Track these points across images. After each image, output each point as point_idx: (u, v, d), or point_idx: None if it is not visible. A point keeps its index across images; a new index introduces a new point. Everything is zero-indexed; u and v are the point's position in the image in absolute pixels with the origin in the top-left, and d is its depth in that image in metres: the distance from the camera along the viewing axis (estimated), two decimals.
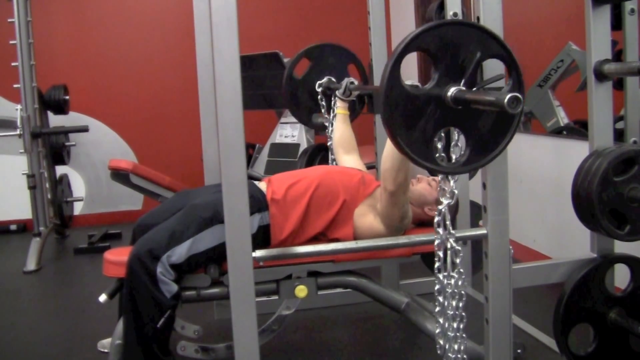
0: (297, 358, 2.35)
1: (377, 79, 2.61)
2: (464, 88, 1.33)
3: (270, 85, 3.98)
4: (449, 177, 1.49)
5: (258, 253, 1.60)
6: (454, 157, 1.43)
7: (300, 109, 2.61)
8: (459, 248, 1.52)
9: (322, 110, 2.55)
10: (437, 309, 1.56)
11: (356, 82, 2.44)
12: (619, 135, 2.07)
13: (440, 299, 1.55)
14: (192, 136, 3.50)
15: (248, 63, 3.97)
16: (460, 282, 1.53)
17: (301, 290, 1.95)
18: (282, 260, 1.85)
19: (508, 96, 1.19)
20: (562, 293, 1.90)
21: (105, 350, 2.35)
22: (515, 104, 1.19)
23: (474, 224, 2.61)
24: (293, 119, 4.25)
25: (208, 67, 2.37)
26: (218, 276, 1.93)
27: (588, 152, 1.91)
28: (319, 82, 2.54)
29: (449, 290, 1.53)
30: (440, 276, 1.53)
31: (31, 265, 3.66)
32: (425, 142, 1.35)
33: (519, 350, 2.13)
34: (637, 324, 1.86)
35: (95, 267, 3.43)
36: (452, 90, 1.33)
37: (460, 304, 1.54)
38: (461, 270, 1.53)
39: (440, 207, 1.51)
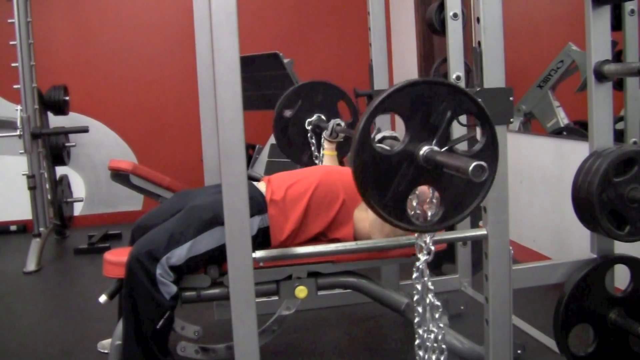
0: (297, 358, 2.35)
1: (377, 81, 2.61)
2: (436, 148, 1.33)
3: (270, 85, 3.98)
4: (425, 234, 1.48)
5: (258, 254, 1.60)
6: (429, 213, 1.43)
7: (290, 146, 2.63)
8: (439, 303, 1.50)
9: (312, 148, 2.58)
10: None
11: (343, 124, 2.46)
12: (619, 136, 2.07)
13: (421, 353, 1.53)
14: (192, 137, 3.51)
15: (248, 64, 3.97)
16: (440, 337, 1.51)
17: (301, 291, 1.94)
18: (282, 260, 1.85)
19: (473, 165, 1.18)
20: (562, 293, 1.90)
21: (105, 351, 2.35)
22: (480, 172, 1.18)
23: (474, 225, 2.61)
24: None
25: (208, 68, 2.37)
26: (218, 277, 1.93)
27: (588, 153, 1.91)
28: (308, 120, 2.56)
29: (429, 345, 1.52)
30: (420, 331, 1.52)
31: (31, 265, 3.66)
32: (399, 201, 1.35)
33: (519, 351, 2.13)
34: (637, 324, 1.86)
35: (95, 267, 3.43)
36: (424, 150, 1.33)
37: (442, 358, 1.53)
38: (441, 325, 1.51)
39: (417, 263, 1.51)
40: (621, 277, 1.99)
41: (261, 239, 1.93)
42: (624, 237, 1.82)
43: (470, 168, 1.18)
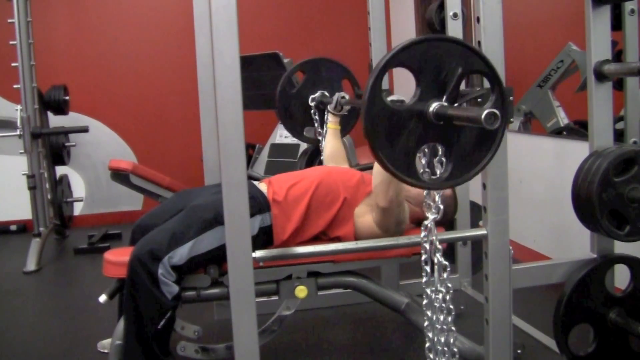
0: (297, 358, 2.35)
1: None
2: (446, 104, 1.33)
3: (270, 85, 3.98)
4: (435, 192, 1.49)
5: (258, 253, 1.60)
6: (438, 172, 1.43)
7: (293, 122, 2.62)
8: (446, 263, 1.52)
9: (315, 124, 2.57)
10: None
11: (347, 97, 2.46)
12: (619, 136, 2.07)
13: (429, 313, 1.55)
14: (192, 136, 3.50)
15: (248, 63, 3.97)
16: (447, 297, 1.53)
17: (301, 291, 1.95)
18: (282, 260, 1.85)
19: (485, 112, 1.19)
20: (562, 293, 1.90)
21: (105, 351, 2.35)
22: (492, 119, 1.20)
23: (474, 224, 2.61)
24: None
25: (208, 68, 2.37)
26: (218, 276, 1.93)
27: (588, 153, 1.91)
28: (312, 96, 2.56)
29: (437, 305, 1.53)
30: (428, 291, 1.54)
31: (31, 265, 3.66)
32: (408, 157, 1.35)
33: (519, 351, 2.12)
34: (637, 324, 1.86)
35: (95, 267, 3.42)
36: (434, 106, 1.33)
37: (449, 319, 1.55)
38: (449, 285, 1.53)
39: (426, 222, 1.52)
40: (621, 277, 1.99)
41: (263, 238, 1.93)
42: (624, 237, 1.82)
43: (483, 115, 1.19)
